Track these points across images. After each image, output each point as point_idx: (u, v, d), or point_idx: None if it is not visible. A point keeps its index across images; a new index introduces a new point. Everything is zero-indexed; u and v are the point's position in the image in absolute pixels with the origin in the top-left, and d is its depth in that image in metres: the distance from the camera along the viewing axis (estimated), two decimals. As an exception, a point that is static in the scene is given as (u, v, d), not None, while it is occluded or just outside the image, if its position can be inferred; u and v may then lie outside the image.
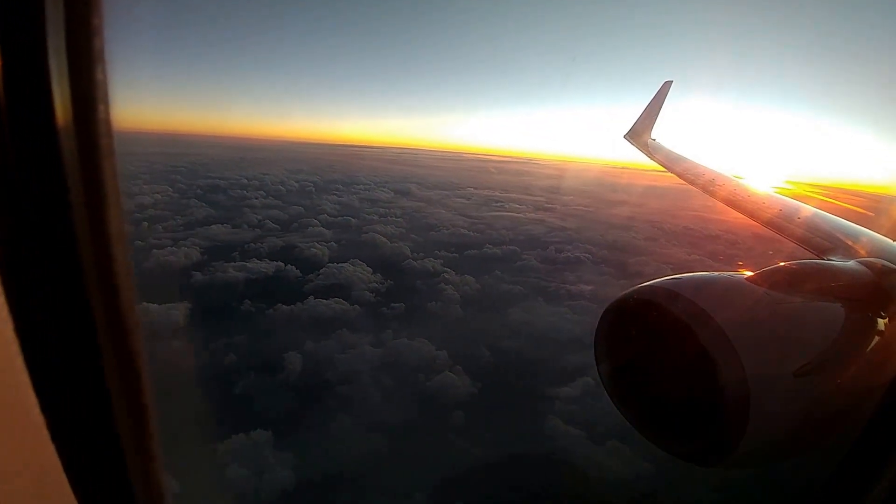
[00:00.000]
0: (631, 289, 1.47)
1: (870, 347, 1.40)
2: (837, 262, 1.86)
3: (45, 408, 0.67)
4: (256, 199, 58.63)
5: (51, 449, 0.68)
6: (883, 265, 1.68)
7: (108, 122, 0.68)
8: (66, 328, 0.70)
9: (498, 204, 69.01)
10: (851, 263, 1.74)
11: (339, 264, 32.19)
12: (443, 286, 29.66)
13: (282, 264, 31.86)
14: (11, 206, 0.63)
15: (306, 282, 29.47)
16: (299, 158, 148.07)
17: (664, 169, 5.03)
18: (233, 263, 31.26)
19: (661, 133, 6.15)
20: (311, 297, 26.00)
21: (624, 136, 6.22)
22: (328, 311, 24.71)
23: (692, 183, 4.20)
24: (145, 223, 41.73)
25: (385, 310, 25.92)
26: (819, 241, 2.43)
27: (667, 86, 6.56)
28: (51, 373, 0.68)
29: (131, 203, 48.95)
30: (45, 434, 0.67)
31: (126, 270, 0.74)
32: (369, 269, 31.73)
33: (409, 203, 64.10)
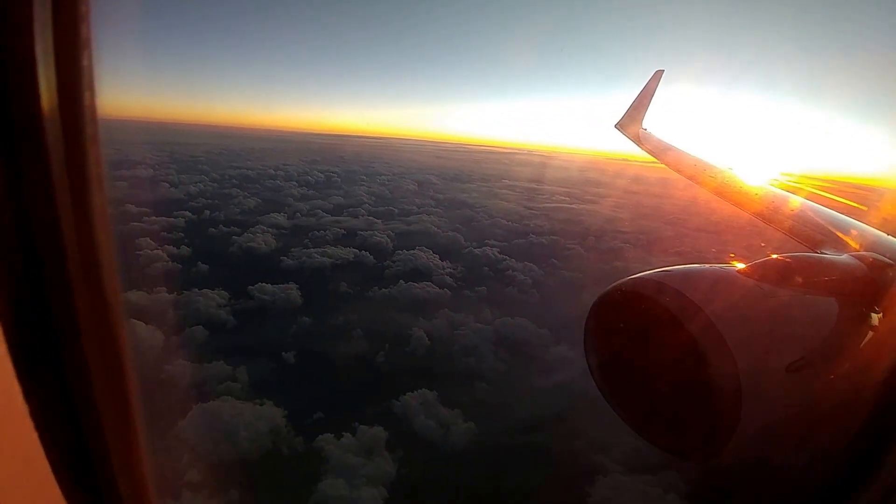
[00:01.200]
0: (620, 281, 1.44)
1: (863, 342, 1.39)
2: (830, 255, 1.84)
3: (31, 401, 0.66)
4: (292, 189, 60.00)
5: (37, 445, 0.68)
6: (876, 259, 1.65)
7: (93, 108, 0.68)
8: (49, 316, 0.69)
9: (519, 193, 71.17)
10: (844, 257, 1.72)
11: (408, 251, 34.20)
12: (511, 272, 31.90)
13: (356, 250, 33.76)
14: None
15: (385, 267, 31.49)
16: (305, 149, 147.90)
17: (654, 159, 4.98)
18: (313, 249, 33.06)
19: (653, 123, 6.03)
20: (401, 282, 28.08)
21: (615, 126, 6.07)
22: (422, 293, 26.87)
23: (682, 173, 4.14)
24: (206, 211, 43.01)
25: (468, 293, 28.12)
26: (810, 233, 2.40)
27: (658, 75, 6.47)
28: (33, 359, 0.67)
29: (150, 192, 50.09)
30: (28, 423, 0.66)
31: (110, 257, 0.74)
32: (436, 255, 33.82)
33: (438, 194, 65.93)
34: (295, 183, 65.40)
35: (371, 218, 45.62)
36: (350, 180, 73.34)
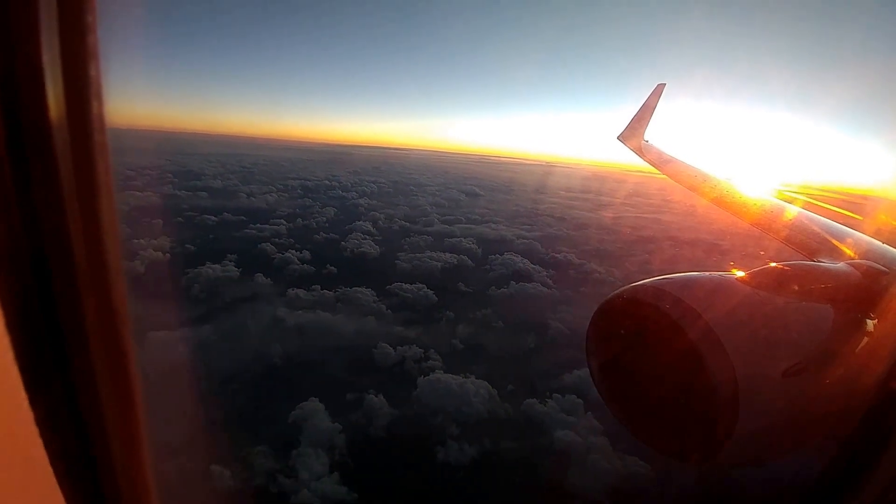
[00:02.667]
0: (622, 288, 1.48)
1: (858, 348, 1.42)
2: (826, 263, 1.87)
3: (35, 403, 0.66)
4: (357, 199, 63.56)
5: (39, 444, 0.68)
6: (870, 267, 1.69)
7: (101, 118, 0.69)
8: (56, 324, 0.70)
9: (557, 203, 74.04)
10: (840, 265, 1.76)
11: (500, 255, 37.26)
12: (596, 275, 34.80)
13: (454, 255, 36.88)
14: (4, 202, 0.63)
15: (488, 269, 34.53)
16: (339, 161, 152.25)
17: (656, 170, 5.06)
18: (417, 254, 36.20)
19: (655, 135, 6.13)
20: (512, 282, 31.11)
21: (617, 138, 6.20)
22: (538, 292, 29.85)
23: (683, 183, 4.24)
24: (298, 220, 46.46)
25: (571, 293, 31.04)
26: (807, 241, 2.46)
27: (660, 88, 6.60)
28: (41, 368, 0.68)
29: (231, 202, 53.38)
30: (33, 429, 0.67)
31: (118, 266, 0.75)
32: (526, 259, 36.85)
33: (489, 204, 69.15)
34: (355, 193, 68.91)
35: (445, 226, 48.78)
36: (403, 191, 76.84)
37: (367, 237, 40.98)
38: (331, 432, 14.92)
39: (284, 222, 44.84)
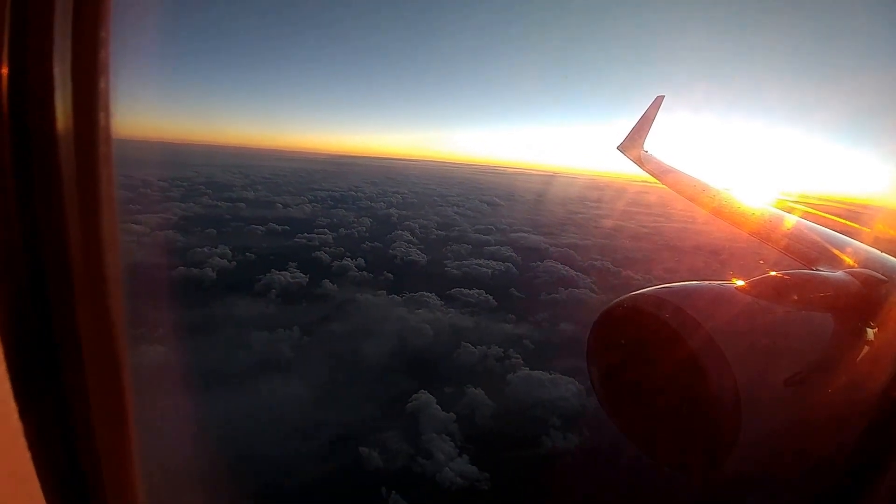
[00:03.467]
0: (622, 297, 1.48)
1: (859, 357, 1.42)
2: (825, 272, 1.88)
3: (25, 415, 0.66)
4: (386, 209, 65.45)
5: (24, 447, 0.67)
6: (870, 276, 1.70)
7: (108, 130, 0.70)
8: (51, 334, 0.70)
9: (575, 212, 75.71)
10: (839, 274, 1.77)
11: (542, 263, 38.84)
12: (636, 281, 36.24)
13: (498, 262, 38.46)
14: (6, 210, 0.64)
15: (534, 276, 36.07)
16: (354, 172, 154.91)
17: (655, 180, 5.09)
18: (463, 262, 37.79)
19: (654, 145, 6.19)
20: (562, 288, 32.65)
21: (617, 148, 6.26)
22: (588, 297, 31.38)
23: (683, 194, 4.26)
24: (341, 229, 48.18)
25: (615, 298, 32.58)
26: (806, 250, 2.46)
27: (659, 100, 6.68)
28: (34, 378, 0.67)
29: (268, 212, 55.09)
30: (25, 449, 0.66)
31: (117, 276, 0.75)
32: (566, 266, 38.41)
33: (511, 213, 70.89)
34: (382, 203, 70.77)
35: (480, 235, 50.44)
36: (427, 202, 78.58)
37: (410, 245, 42.60)
38: (446, 421, 16.38)
39: (328, 231, 46.55)
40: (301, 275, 31.31)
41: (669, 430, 1.38)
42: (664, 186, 4.84)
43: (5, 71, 0.62)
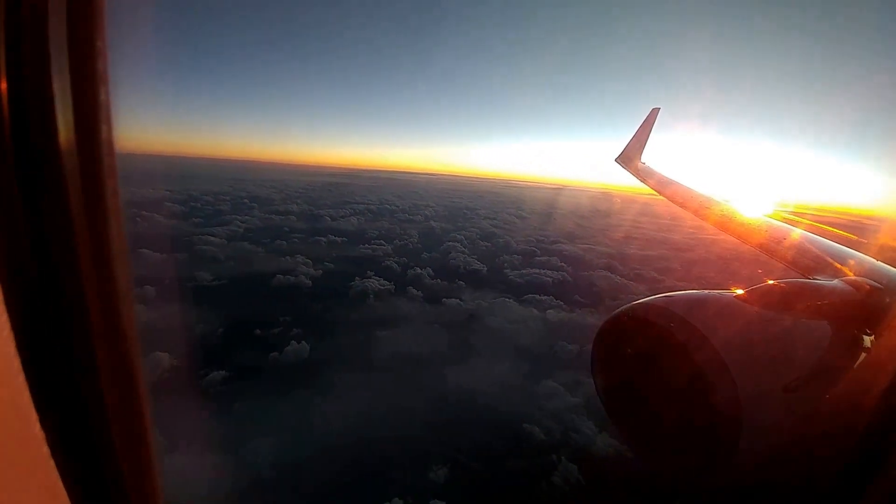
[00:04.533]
0: (626, 306, 1.49)
1: (856, 364, 1.44)
2: (822, 281, 1.90)
3: (41, 410, 0.67)
4: (426, 222, 68.64)
5: (45, 449, 0.68)
6: (868, 284, 1.72)
7: (110, 142, 0.70)
8: (67, 344, 0.71)
9: (600, 224, 78.65)
10: (836, 282, 1.79)
11: (592, 272, 41.67)
12: (682, 288, 38.99)
13: (555, 271, 41.26)
14: (14, 224, 0.64)
15: (590, 285, 38.79)
16: (375, 186, 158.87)
17: (655, 192, 5.15)
18: (522, 270, 40.60)
19: (651, 157, 6.30)
20: (622, 297, 35.38)
21: (615, 160, 6.35)
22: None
23: (683, 206, 4.33)
24: (395, 241, 51.11)
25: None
26: (804, 260, 2.51)
27: (655, 112, 6.77)
28: (48, 387, 0.69)
29: (315, 224, 58.13)
30: (39, 434, 0.68)
31: (127, 286, 0.76)
32: (615, 275, 41.21)
33: (541, 225, 73.89)
34: (420, 216, 74.15)
35: (524, 246, 53.26)
36: (460, 215, 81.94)
37: (465, 255, 45.48)
38: (576, 406, 19.04)
39: (384, 243, 49.56)
40: (385, 282, 34.14)
41: (671, 438, 1.40)
42: (663, 199, 4.92)
43: (3, 86, 0.62)
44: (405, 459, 15.54)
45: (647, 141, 6.44)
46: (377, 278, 34.78)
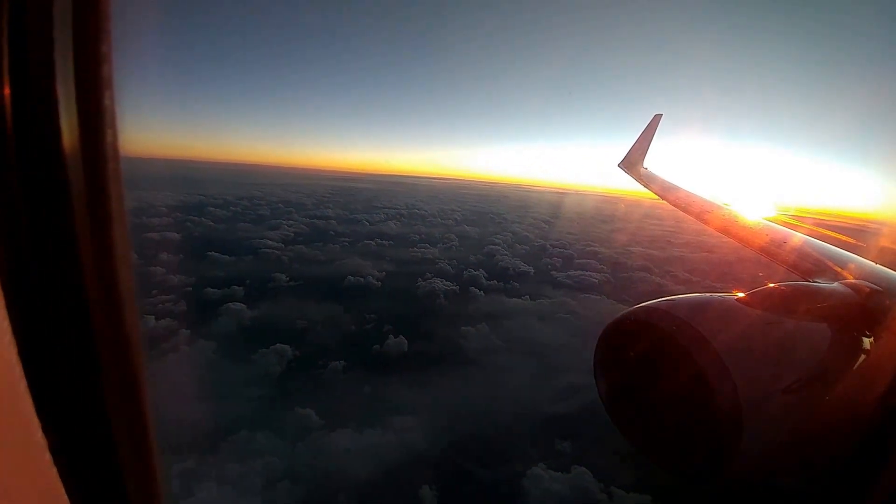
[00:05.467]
0: (629, 310, 1.51)
1: (856, 365, 1.46)
2: (822, 283, 1.92)
3: (43, 417, 0.67)
4: (456, 227, 70.96)
5: (46, 452, 0.68)
6: (866, 286, 1.74)
7: (115, 147, 0.70)
8: (69, 352, 0.71)
9: (620, 226, 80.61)
10: (836, 285, 1.80)
11: (632, 273, 43.71)
12: (717, 289, 40.95)
13: (598, 273, 43.38)
14: (17, 229, 0.64)
15: (633, 285, 40.86)
16: (394, 191, 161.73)
17: (657, 196, 5.18)
18: (568, 272, 42.73)
19: (653, 162, 6.33)
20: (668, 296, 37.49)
21: (618, 165, 6.42)
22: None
23: (686, 211, 4.36)
24: (439, 245, 53.39)
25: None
26: (806, 265, 2.52)
27: (657, 118, 6.87)
28: (50, 395, 0.68)
29: (354, 227, 60.50)
30: (42, 441, 0.67)
31: (130, 291, 0.75)
32: (655, 276, 43.24)
33: (569, 229, 76.15)
34: (452, 221, 76.86)
35: (560, 248, 55.31)
36: (489, 220, 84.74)
37: (509, 257, 47.67)
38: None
39: (429, 245, 51.91)
40: (448, 283, 36.41)
41: (674, 439, 1.41)
42: (664, 201, 4.90)
43: (7, 91, 0.62)
44: (535, 433, 17.77)
45: (649, 146, 6.52)
46: (439, 279, 37.05)
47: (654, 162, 6.30)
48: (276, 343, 23.30)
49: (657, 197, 5.15)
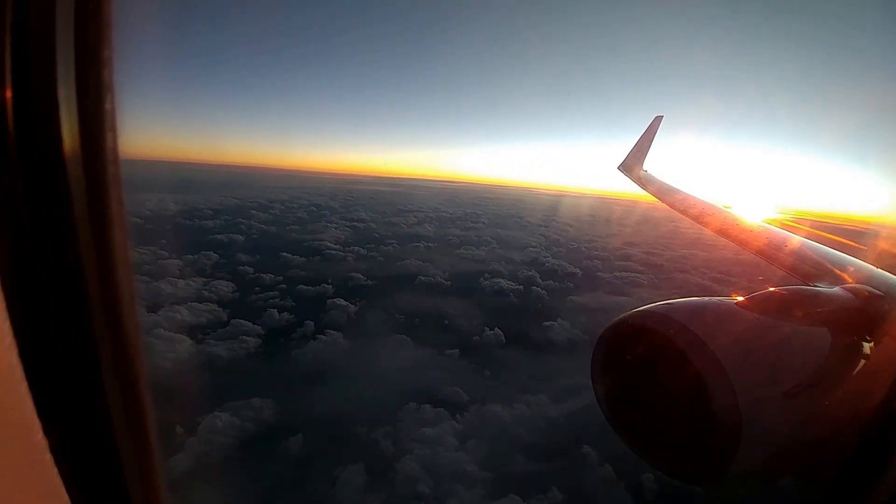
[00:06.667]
0: (627, 313, 1.50)
1: (856, 371, 1.45)
2: (823, 288, 1.90)
3: (44, 418, 0.67)
4: (486, 230, 73.70)
5: (47, 453, 0.68)
6: (867, 291, 1.73)
7: (115, 150, 0.69)
8: (69, 354, 0.71)
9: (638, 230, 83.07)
10: (837, 289, 1.79)
11: (673, 275, 46.55)
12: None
13: (640, 274, 46.17)
14: (18, 232, 0.64)
15: (678, 286, 43.60)
16: (407, 194, 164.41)
17: (657, 199, 5.14)
18: (614, 273, 45.40)
19: (653, 165, 6.31)
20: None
21: (617, 168, 6.38)
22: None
23: (686, 214, 4.35)
24: (483, 246, 56.03)
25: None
26: (806, 268, 2.52)
27: (657, 121, 6.85)
28: (51, 396, 0.68)
29: (388, 231, 62.90)
30: (42, 442, 0.67)
31: (130, 294, 0.75)
32: (689, 275, 46.08)
33: (591, 233, 78.78)
34: (481, 224, 79.80)
35: (596, 251, 58.00)
36: (515, 224, 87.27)
37: (551, 259, 50.34)
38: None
39: (473, 248, 54.58)
40: (510, 282, 39.08)
41: (672, 442, 1.41)
42: (664, 204, 4.89)
43: (9, 94, 0.62)
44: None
45: (648, 149, 6.51)
46: (497, 279, 39.69)
47: (654, 165, 6.27)
48: (395, 334, 26.18)
49: (657, 200, 5.14)
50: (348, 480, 15.47)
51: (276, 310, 27.97)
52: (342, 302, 30.36)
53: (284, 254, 42.96)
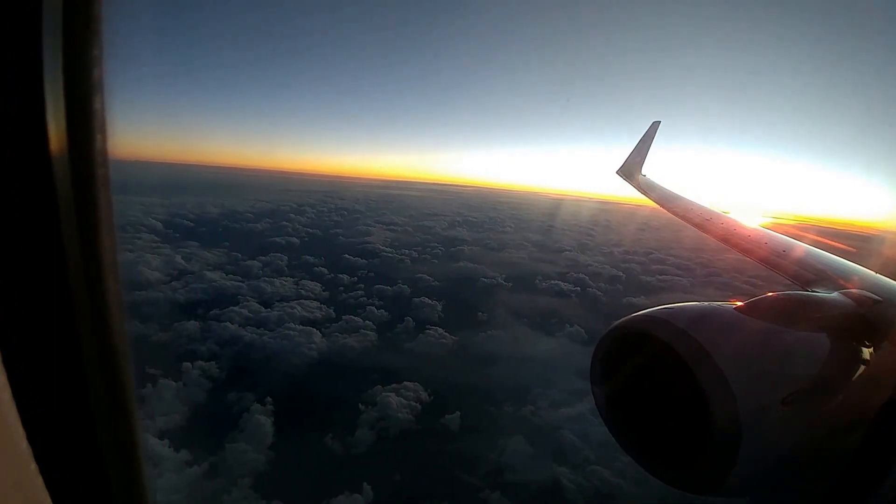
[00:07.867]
0: (626, 318, 1.50)
1: (855, 376, 1.44)
2: (821, 293, 1.90)
3: (28, 426, 0.66)
4: (521, 233, 75.91)
5: (31, 461, 0.67)
6: (865, 296, 1.73)
7: (104, 151, 0.68)
8: (55, 360, 0.70)
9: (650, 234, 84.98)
10: (835, 294, 1.79)
11: (710, 278, 48.69)
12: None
13: (678, 277, 48.30)
14: (3, 233, 0.63)
15: (719, 288, 45.80)
16: (420, 197, 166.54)
17: (656, 204, 5.16)
18: (655, 276, 47.47)
19: (650, 169, 6.37)
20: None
21: (616, 172, 6.42)
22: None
23: (686, 220, 4.37)
24: (523, 251, 57.95)
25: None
26: (806, 274, 2.51)
27: (655, 125, 6.89)
28: (35, 404, 0.67)
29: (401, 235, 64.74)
30: (25, 446, 0.66)
31: (117, 297, 0.74)
32: (722, 277, 48.33)
33: (603, 235, 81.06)
34: (508, 228, 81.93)
35: (630, 256, 59.83)
36: (539, 229, 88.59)
37: (590, 263, 52.41)
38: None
39: (513, 251, 56.69)
40: (567, 284, 41.10)
41: (672, 449, 1.40)
42: (661, 208, 4.93)
43: None
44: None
45: (647, 154, 6.53)
46: (552, 281, 41.75)
47: (652, 169, 6.31)
48: (488, 330, 28.22)
49: (655, 203, 5.15)
50: (516, 449, 17.65)
51: (373, 307, 29.92)
52: (428, 300, 32.32)
53: (346, 256, 44.79)
